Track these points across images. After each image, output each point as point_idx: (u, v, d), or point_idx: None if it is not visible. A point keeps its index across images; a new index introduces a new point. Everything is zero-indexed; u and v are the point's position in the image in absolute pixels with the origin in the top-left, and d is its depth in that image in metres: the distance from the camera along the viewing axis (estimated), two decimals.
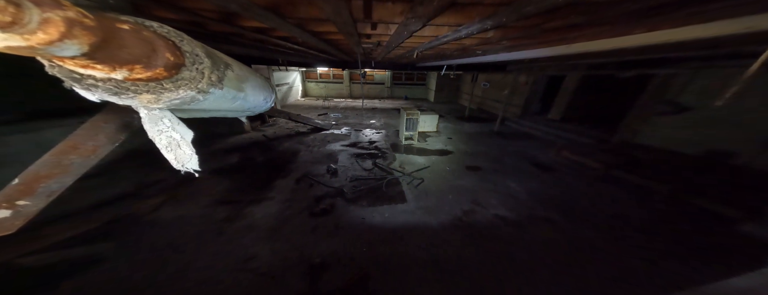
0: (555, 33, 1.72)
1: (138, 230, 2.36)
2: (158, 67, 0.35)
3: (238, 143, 5.01)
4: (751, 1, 0.99)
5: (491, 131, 6.59)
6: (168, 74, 0.36)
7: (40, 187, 0.86)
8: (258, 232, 2.41)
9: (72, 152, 0.87)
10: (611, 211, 2.94)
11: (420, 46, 2.52)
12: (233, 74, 0.47)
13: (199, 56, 0.40)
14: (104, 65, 0.30)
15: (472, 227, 2.58)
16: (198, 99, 0.43)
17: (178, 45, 0.38)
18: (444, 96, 12.33)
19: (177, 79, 0.38)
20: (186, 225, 2.46)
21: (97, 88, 0.35)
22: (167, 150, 0.52)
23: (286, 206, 2.90)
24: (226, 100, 0.58)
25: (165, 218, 2.55)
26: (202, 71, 0.40)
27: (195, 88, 0.41)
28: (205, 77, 0.41)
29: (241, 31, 1.91)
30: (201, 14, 1.50)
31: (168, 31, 0.37)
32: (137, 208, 2.65)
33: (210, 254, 2.12)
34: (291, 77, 11.17)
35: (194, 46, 0.39)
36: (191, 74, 0.39)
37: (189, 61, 0.38)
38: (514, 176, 3.87)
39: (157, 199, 2.82)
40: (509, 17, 1.10)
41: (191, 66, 0.39)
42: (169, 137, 0.50)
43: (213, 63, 0.42)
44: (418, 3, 0.95)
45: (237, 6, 1.10)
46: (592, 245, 2.35)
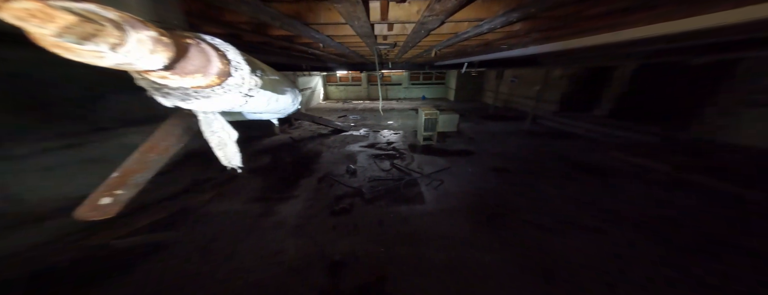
0: (599, 20, 1.52)
1: (192, 221, 2.71)
2: (213, 75, 0.41)
3: (269, 145, 5.44)
4: None
5: (521, 130, 6.12)
6: (219, 81, 0.43)
7: (131, 179, 1.10)
8: (285, 228, 2.58)
9: (151, 151, 1.09)
10: (688, 223, 2.42)
11: (438, 44, 2.47)
12: (267, 78, 0.53)
13: (241, 63, 0.46)
14: (176, 75, 0.38)
15: (498, 233, 2.41)
16: (241, 102, 0.50)
17: (225, 54, 0.44)
18: (465, 94, 11.83)
19: (225, 85, 0.44)
20: (228, 219, 2.75)
21: (170, 95, 0.43)
22: (218, 149, 0.61)
23: (309, 204, 3.05)
24: (262, 103, 0.65)
25: (213, 212, 2.89)
26: (243, 77, 0.46)
27: (239, 92, 0.47)
28: (247, 82, 0.47)
29: (270, 39, 2.10)
30: (238, 27, 1.69)
31: (218, 42, 0.43)
32: (192, 202, 3.05)
33: (246, 246, 2.34)
34: (313, 82, 11.80)
35: (236, 54, 0.46)
36: (236, 80, 0.45)
37: (234, 68, 0.45)
38: (549, 178, 3.52)
39: (208, 195, 3.21)
40: (539, 7, 1.02)
41: (235, 73, 0.45)
42: (219, 137, 0.59)
43: (251, 69, 0.48)
44: (435, 0, 0.94)
45: (267, 16, 1.22)
46: (657, 262, 2.00)
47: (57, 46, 0.25)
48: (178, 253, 2.25)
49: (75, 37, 0.25)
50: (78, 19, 0.25)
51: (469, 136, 5.76)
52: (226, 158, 0.63)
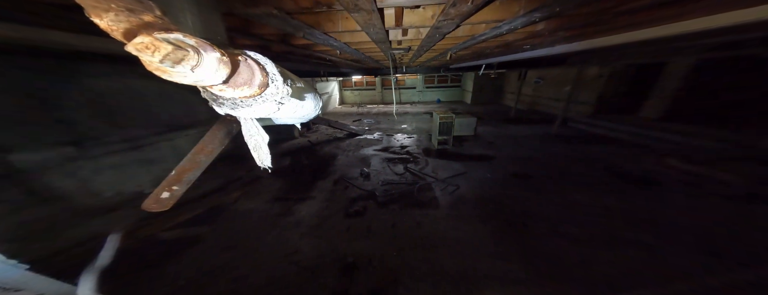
0: (638, 14, 1.35)
1: (223, 217, 2.94)
2: (256, 86, 0.47)
3: (290, 148, 5.75)
4: None
5: (548, 134, 5.73)
6: (260, 92, 0.49)
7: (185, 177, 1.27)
8: (302, 228, 2.68)
9: (201, 153, 1.26)
10: (756, 240, 2.07)
11: (453, 47, 2.45)
12: (296, 87, 0.58)
13: (276, 75, 0.52)
14: (230, 88, 0.44)
15: (519, 242, 2.26)
16: (275, 110, 0.56)
17: (265, 67, 0.50)
18: (483, 97, 11.44)
19: (264, 95, 0.50)
20: (252, 217, 2.94)
21: (224, 104, 0.50)
22: (254, 150, 0.68)
23: (324, 205, 3.15)
24: (290, 110, 0.72)
25: (240, 210, 3.11)
26: (278, 87, 0.52)
27: (274, 101, 0.53)
28: (280, 91, 0.52)
29: (293, 48, 2.26)
30: (266, 38, 1.86)
31: (259, 57, 0.49)
32: (223, 200, 3.33)
33: (265, 243, 2.47)
34: (330, 87, 12.29)
35: (273, 67, 0.51)
36: (272, 90, 0.51)
37: (270, 80, 0.50)
38: (582, 186, 3.21)
39: (236, 193, 3.49)
40: (565, 6, 0.97)
41: (272, 84, 0.51)
42: (256, 140, 0.66)
43: (283, 79, 0.53)
44: (450, 5, 0.95)
45: (291, 27, 1.32)
46: (726, 284, 1.71)
47: (158, 69, 0.32)
48: (211, 246, 2.44)
49: (171, 62, 0.32)
50: (173, 48, 0.31)
51: (488, 141, 5.53)
52: (259, 158, 0.70)
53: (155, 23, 0.33)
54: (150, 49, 0.30)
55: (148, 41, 0.30)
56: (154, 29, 0.31)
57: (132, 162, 3.06)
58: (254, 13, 1.08)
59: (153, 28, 0.32)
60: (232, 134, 1.21)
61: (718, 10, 1.24)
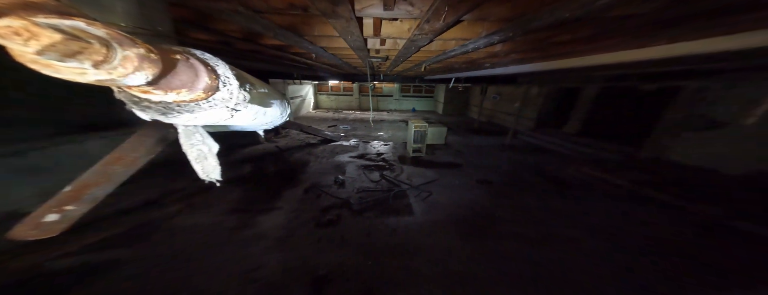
0: (565, 46, 1.73)
1: (156, 236, 2.43)
2: (200, 90, 0.40)
3: (253, 154, 5.20)
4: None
5: (502, 145, 6.43)
6: (206, 96, 0.41)
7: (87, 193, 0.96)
8: (265, 241, 2.41)
9: (117, 163, 0.97)
10: (643, 233, 2.67)
11: (428, 59, 2.61)
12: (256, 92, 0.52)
13: (229, 78, 0.45)
14: (159, 90, 0.36)
15: (483, 243, 2.43)
16: (227, 117, 0.48)
17: (215, 69, 0.43)
18: (452, 108, 12.37)
19: (212, 100, 0.42)
20: (198, 233, 2.51)
21: (150, 109, 0.40)
22: (196, 161, 0.57)
23: (293, 216, 2.90)
24: (248, 117, 0.63)
25: (181, 225, 2.62)
26: (231, 92, 0.45)
27: (225, 107, 0.45)
28: (234, 97, 0.46)
29: (261, 48, 2.09)
30: (228, 34, 1.68)
31: (207, 57, 0.42)
32: (157, 215, 2.76)
33: (217, 262, 2.12)
34: (304, 90, 11.76)
35: (226, 69, 0.45)
36: (223, 95, 0.44)
37: (222, 83, 0.43)
38: (528, 191, 3.68)
39: (175, 207, 2.93)
40: (515, 32, 1.13)
41: (223, 88, 0.44)
42: (199, 150, 0.56)
43: (240, 84, 0.47)
44: (424, 21, 1.01)
45: (260, 27, 1.22)
46: (624, 269, 2.12)
47: (36, 62, 0.24)
48: (132, 272, 1.98)
49: (58, 54, 0.24)
50: (63, 38, 0.24)
51: (457, 150, 5.94)
52: (204, 171, 0.59)
53: (44, 4, 0.24)
54: (22, 36, 0.22)
55: (20, 26, 0.22)
56: (39, 11, 0.23)
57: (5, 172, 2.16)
58: (214, 8, 0.96)
59: (37, 10, 0.23)
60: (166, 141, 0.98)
61: (611, 50, 1.70)
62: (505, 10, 1.00)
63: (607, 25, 1.19)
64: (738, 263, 2.21)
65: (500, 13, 1.01)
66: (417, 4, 1.00)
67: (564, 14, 0.84)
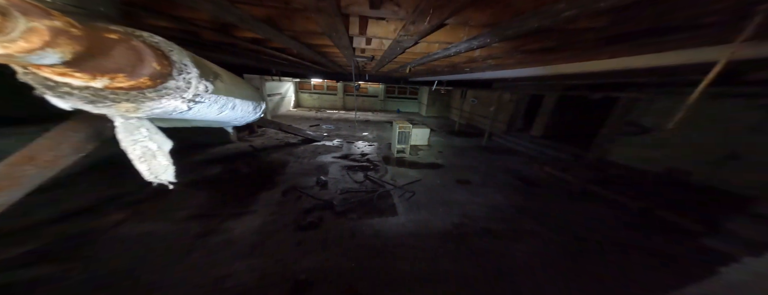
0: (532, 55, 1.89)
1: (95, 248, 2.09)
2: (143, 76, 0.33)
3: (222, 154, 4.78)
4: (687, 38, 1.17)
5: (479, 146, 6.79)
6: (153, 83, 0.35)
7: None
8: (236, 248, 2.22)
9: (27, 163, 0.76)
10: (587, 223, 3.01)
11: (412, 61, 2.65)
12: (222, 85, 0.46)
13: (188, 66, 0.39)
14: (84, 73, 0.29)
15: (463, 241, 2.53)
16: (182, 108, 0.42)
17: (167, 54, 0.37)
18: (435, 110, 12.77)
19: (162, 89, 0.36)
20: (152, 242, 2.22)
21: (71, 96, 0.33)
22: (141, 161, 0.48)
23: (270, 219, 2.72)
24: (212, 110, 0.56)
25: (128, 235, 2.29)
26: (189, 81, 0.39)
27: (180, 97, 0.39)
28: (192, 87, 0.40)
29: (235, 41, 1.92)
30: (195, 24, 1.51)
31: (158, 41, 0.36)
32: (96, 224, 2.37)
33: (178, 273, 1.90)
34: (284, 87, 11.20)
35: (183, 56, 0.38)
36: (177, 84, 0.38)
37: (176, 71, 0.37)
38: (501, 189, 3.93)
39: (120, 214, 2.55)
40: (492, 39, 1.20)
41: (178, 76, 0.38)
42: (145, 147, 0.47)
43: (202, 73, 0.41)
44: (410, 22, 1.01)
45: (234, 18, 1.12)
46: (573, 257, 2.37)
47: None
48: (68, 290, 1.69)
49: None
50: None
51: (439, 150, 6.13)
52: (151, 171, 0.50)
53: None
54: None
55: None
56: None
57: None
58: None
59: None
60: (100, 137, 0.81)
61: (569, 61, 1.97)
62: (485, 16, 1.05)
63: (567, 38, 1.32)
64: (655, 245, 2.63)
65: (480, 19, 1.06)
66: (403, 5, 1.00)
67: (534, 24, 0.92)
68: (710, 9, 0.80)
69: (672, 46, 1.38)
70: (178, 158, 0.54)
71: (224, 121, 0.73)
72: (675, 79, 3.33)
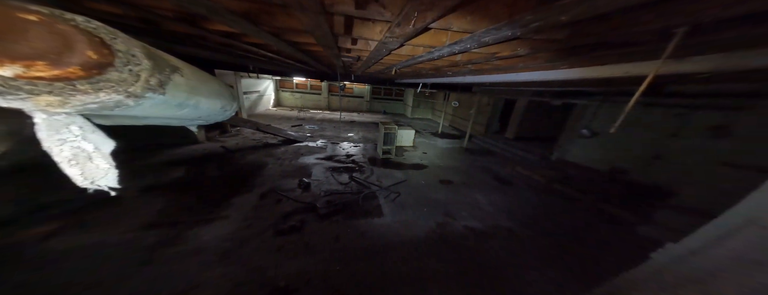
0: (505, 61, 2.03)
1: (14, 266, 1.75)
2: (72, 65, 0.28)
3: (188, 155, 4.36)
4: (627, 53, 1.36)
5: (461, 147, 7.09)
6: (86, 74, 0.29)
7: None
8: (205, 256, 2.04)
9: None
10: (552, 218, 3.32)
11: (398, 63, 2.67)
12: (182, 80, 0.40)
13: (137, 57, 0.34)
14: None
15: (446, 239, 2.61)
16: (127, 104, 0.35)
17: (109, 43, 0.31)
18: (420, 112, 13.07)
19: (98, 81, 0.30)
20: (93, 256, 1.93)
21: None
22: (71, 164, 0.40)
23: (245, 224, 2.54)
24: (169, 107, 0.49)
25: (60, 249, 1.97)
26: (137, 74, 0.33)
27: (124, 91, 0.33)
28: (141, 80, 0.34)
29: (205, 33, 1.76)
30: (155, 12, 1.34)
31: (97, 26, 0.30)
32: (20, 237, 1.99)
33: (132, 288, 1.67)
34: (262, 85, 10.61)
35: (131, 45, 0.33)
36: (121, 76, 0.32)
37: (121, 62, 0.32)
38: (480, 189, 4.13)
39: (50, 225, 2.18)
40: (471, 44, 1.26)
41: (123, 67, 0.32)
42: (76, 148, 0.39)
43: (155, 65, 0.36)
44: (395, 24, 1.01)
45: (204, 9, 1.01)
46: (541, 249, 2.58)
47: None
48: None
49: None
50: None
51: (423, 152, 6.27)
52: (85, 176, 0.42)
53: None
54: None
55: None
56: None
57: None
58: None
59: None
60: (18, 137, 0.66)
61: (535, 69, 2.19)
62: (466, 23, 1.09)
63: (534, 46, 1.44)
64: (600, 235, 2.99)
65: (461, 25, 1.10)
66: (389, 7, 1.00)
67: (507, 32, 0.98)
68: (643, 29, 0.93)
69: (614, 60, 1.60)
70: (128, 161, 0.46)
71: (187, 119, 0.65)
72: (617, 89, 3.89)
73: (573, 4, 0.67)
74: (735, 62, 1.21)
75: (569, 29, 1.18)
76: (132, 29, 1.76)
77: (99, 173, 0.42)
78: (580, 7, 0.69)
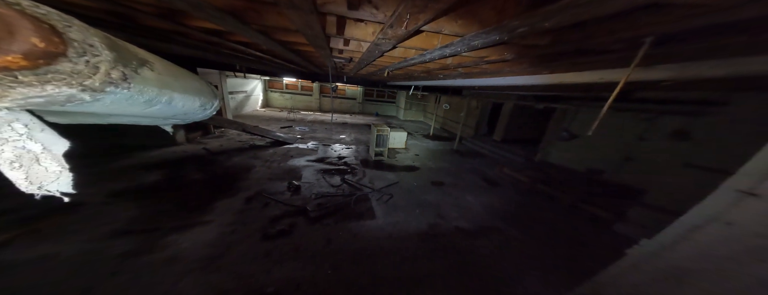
0: (493, 65, 2.10)
1: None
2: (11, 53, 0.24)
3: (164, 158, 4.11)
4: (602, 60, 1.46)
5: (451, 149, 7.22)
6: (30, 64, 0.25)
7: None
8: (183, 264, 1.91)
9: None
10: (537, 217, 3.44)
11: (390, 65, 2.68)
12: (152, 74, 0.36)
13: (95, 47, 0.30)
14: None
15: (437, 240, 2.62)
16: (83, 99, 0.31)
17: (60, 31, 0.27)
18: (411, 114, 13.20)
19: (46, 72, 0.26)
20: (53, 268, 1.75)
21: None
22: (13, 167, 0.34)
23: (229, 229, 2.41)
24: (136, 104, 0.45)
25: (17, 259, 1.77)
26: (96, 66, 0.30)
27: (78, 84, 0.29)
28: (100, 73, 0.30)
29: (187, 30, 1.67)
30: (129, 6, 1.25)
31: (47, 12, 0.26)
32: None
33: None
34: (250, 85, 10.29)
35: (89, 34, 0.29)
36: (75, 67, 0.28)
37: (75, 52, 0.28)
38: (470, 190, 4.21)
39: (2, 235, 1.96)
40: (462, 48, 1.29)
41: (78, 58, 0.28)
42: (20, 149, 0.34)
43: (118, 57, 0.32)
44: (388, 26, 1.01)
45: (185, 4, 0.96)
46: (527, 248, 2.66)
47: None
48: None
49: None
50: None
51: (415, 153, 6.31)
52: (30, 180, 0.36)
53: None
54: None
55: None
56: None
57: None
58: None
59: None
60: None
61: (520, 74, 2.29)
62: (457, 26, 1.11)
63: (520, 52, 1.50)
64: (580, 232, 3.13)
65: (452, 29, 1.12)
66: (381, 9, 0.99)
67: (495, 36, 1.01)
68: (615, 38, 1.00)
69: (591, 66, 1.71)
70: (92, 164, 0.41)
71: (159, 117, 0.59)
72: (595, 94, 4.17)
73: (556, 10, 0.70)
74: (693, 72, 1.34)
75: (551, 36, 1.24)
76: (101, 22, 1.64)
77: (48, 176, 0.37)
78: (562, 14, 0.72)
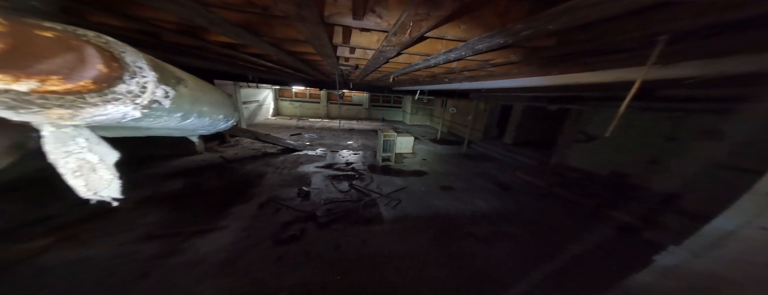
0: (500, 68, 2.09)
1: (8, 282, 1.69)
2: (87, 78, 0.28)
3: (186, 166, 4.32)
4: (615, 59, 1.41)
5: (460, 153, 7.09)
6: (97, 87, 0.30)
7: None
8: (202, 268, 1.98)
9: None
10: (555, 223, 3.26)
11: (396, 71, 2.74)
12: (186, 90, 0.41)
13: (143, 69, 0.35)
14: (4, 75, 0.24)
15: (448, 246, 2.54)
16: (134, 116, 0.36)
17: (117, 56, 0.32)
18: (418, 119, 13.19)
19: (108, 93, 0.31)
20: (90, 270, 1.86)
21: None
22: (75, 175, 0.40)
23: (243, 235, 2.48)
24: (174, 119, 0.50)
25: (56, 263, 1.91)
26: (144, 85, 0.34)
27: (132, 103, 0.34)
28: (148, 92, 0.35)
29: (205, 44, 1.80)
30: (155, 24, 1.39)
31: (107, 41, 0.31)
32: (13, 252, 1.93)
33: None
34: (262, 95, 10.74)
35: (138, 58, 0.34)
36: (129, 88, 0.33)
37: (129, 74, 0.33)
38: (481, 194, 4.09)
39: (45, 239, 2.12)
40: (466, 52, 1.30)
41: (130, 80, 0.33)
42: (82, 160, 0.39)
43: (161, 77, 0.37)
44: (392, 33, 1.05)
45: (204, 21, 1.05)
46: (544, 256, 2.50)
47: None
48: None
49: None
50: None
51: (422, 158, 6.26)
52: (89, 187, 0.42)
53: None
54: None
55: None
56: None
57: None
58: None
59: None
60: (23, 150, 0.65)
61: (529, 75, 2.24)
62: (460, 31, 1.13)
63: (527, 54, 1.49)
64: (605, 239, 2.91)
65: (456, 34, 1.14)
66: (385, 17, 1.04)
67: (499, 40, 1.02)
68: (626, 37, 0.97)
69: (604, 66, 1.65)
70: (127, 172, 0.46)
71: (189, 129, 0.65)
72: (610, 94, 3.97)
73: (559, 13, 0.70)
74: (718, 68, 1.26)
75: (558, 37, 1.23)
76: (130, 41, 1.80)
77: (102, 183, 0.42)
78: (566, 16, 0.72)
